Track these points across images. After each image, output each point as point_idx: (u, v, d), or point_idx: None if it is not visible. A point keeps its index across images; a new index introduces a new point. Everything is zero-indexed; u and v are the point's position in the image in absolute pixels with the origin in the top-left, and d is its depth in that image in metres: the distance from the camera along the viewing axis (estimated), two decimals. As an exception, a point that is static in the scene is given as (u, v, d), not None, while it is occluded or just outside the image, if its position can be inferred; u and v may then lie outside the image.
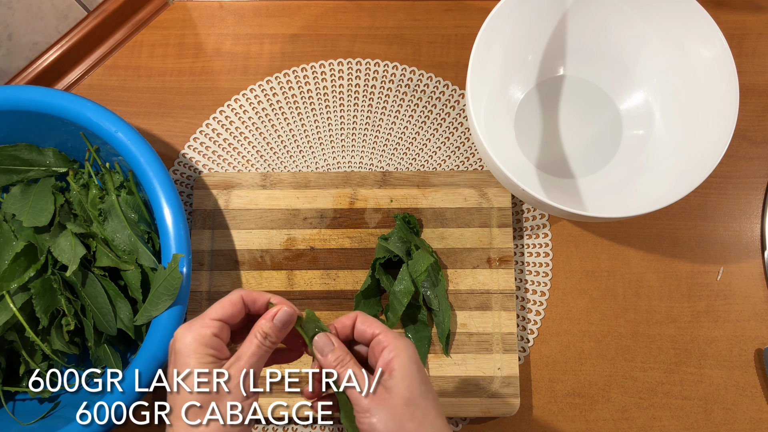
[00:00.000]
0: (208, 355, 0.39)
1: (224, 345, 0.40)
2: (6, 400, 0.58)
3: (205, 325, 0.39)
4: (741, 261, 0.64)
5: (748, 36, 0.69)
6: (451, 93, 0.68)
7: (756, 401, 0.61)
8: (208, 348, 0.39)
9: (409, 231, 0.61)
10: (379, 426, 0.38)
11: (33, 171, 0.59)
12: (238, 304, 0.41)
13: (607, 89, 0.65)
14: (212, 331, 0.39)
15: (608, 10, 0.60)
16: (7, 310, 0.53)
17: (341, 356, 0.41)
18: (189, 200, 0.65)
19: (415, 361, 0.41)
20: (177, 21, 0.71)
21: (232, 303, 0.41)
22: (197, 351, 0.38)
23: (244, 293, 0.42)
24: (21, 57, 0.65)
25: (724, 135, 0.54)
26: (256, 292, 0.42)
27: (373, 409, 0.39)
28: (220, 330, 0.40)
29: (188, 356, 0.38)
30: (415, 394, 0.39)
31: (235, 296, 0.41)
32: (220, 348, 0.40)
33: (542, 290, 0.63)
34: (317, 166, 0.66)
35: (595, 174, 0.64)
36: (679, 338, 0.62)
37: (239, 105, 0.68)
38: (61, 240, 0.54)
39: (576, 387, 0.61)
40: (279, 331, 0.41)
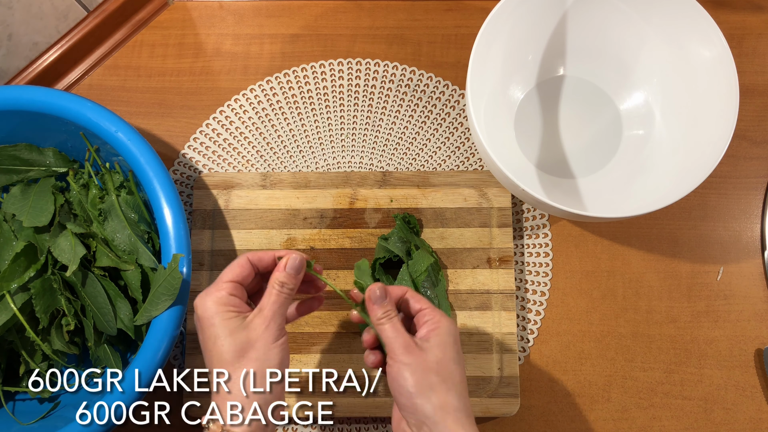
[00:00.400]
0: (229, 312, 0.41)
1: (242, 302, 0.43)
2: (6, 400, 0.58)
3: (220, 288, 0.42)
4: (741, 261, 0.64)
5: (748, 36, 0.69)
6: (451, 93, 0.68)
7: (756, 401, 0.61)
8: (228, 306, 0.41)
9: (409, 231, 0.61)
10: (406, 372, 0.41)
11: (33, 171, 0.59)
12: (246, 265, 0.44)
13: (607, 89, 0.65)
14: (227, 291, 0.42)
15: (608, 10, 0.60)
16: (7, 310, 0.53)
17: (389, 311, 0.44)
18: (189, 200, 0.65)
19: (453, 336, 0.43)
20: (177, 21, 0.71)
21: (240, 265, 0.44)
22: (218, 312, 0.41)
23: (250, 254, 0.44)
24: (21, 57, 0.65)
25: (724, 135, 0.54)
26: (262, 251, 0.45)
27: (405, 358, 0.41)
28: (235, 289, 0.43)
29: (211, 318, 0.41)
30: (447, 357, 0.42)
31: (242, 259, 0.44)
32: (239, 305, 0.42)
33: (542, 290, 0.63)
34: (317, 166, 0.66)
35: (595, 174, 0.64)
36: (679, 338, 0.62)
37: (239, 105, 0.68)
38: (61, 240, 0.54)
39: (576, 387, 0.61)
40: (293, 278, 0.43)
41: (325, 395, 0.59)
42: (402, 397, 0.41)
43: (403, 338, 0.42)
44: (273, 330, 0.41)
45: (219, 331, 0.41)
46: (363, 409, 0.59)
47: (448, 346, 0.42)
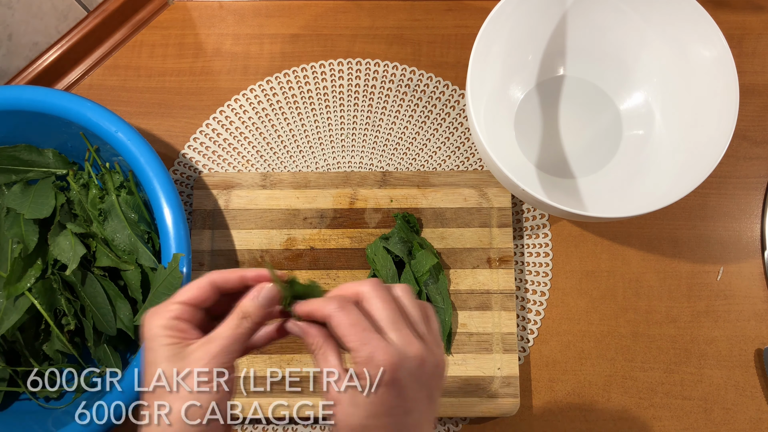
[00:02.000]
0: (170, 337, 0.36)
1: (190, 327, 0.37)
2: (10, 400, 0.58)
3: (167, 309, 0.37)
4: (741, 261, 0.64)
5: (748, 36, 0.69)
6: (451, 93, 0.68)
7: (756, 401, 0.61)
8: (171, 330, 0.36)
9: (410, 230, 0.61)
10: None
11: (32, 172, 0.59)
12: (205, 288, 0.38)
13: (607, 89, 0.65)
14: (174, 314, 0.36)
15: (608, 10, 0.60)
16: (17, 311, 0.53)
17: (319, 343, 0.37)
18: (189, 200, 0.65)
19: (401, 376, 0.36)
20: (177, 21, 0.71)
21: (199, 287, 0.38)
22: (159, 335, 0.36)
23: (216, 275, 0.38)
24: (21, 57, 0.65)
25: (724, 135, 0.54)
26: (228, 271, 0.38)
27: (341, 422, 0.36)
28: (184, 313, 0.37)
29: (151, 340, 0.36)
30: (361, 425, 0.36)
31: (203, 280, 0.38)
32: (185, 330, 0.36)
33: (542, 290, 0.63)
34: (317, 166, 0.66)
35: (595, 174, 0.64)
36: (679, 338, 0.62)
37: (239, 105, 0.68)
38: (61, 239, 0.54)
39: (576, 387, 0.61)
40: (261, 309, 0.37)
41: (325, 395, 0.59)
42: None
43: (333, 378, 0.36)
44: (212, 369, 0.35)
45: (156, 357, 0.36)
46: (363, 409, 0.59)
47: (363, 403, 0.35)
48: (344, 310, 0.36)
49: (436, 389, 0.37)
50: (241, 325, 0.36)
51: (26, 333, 0.56)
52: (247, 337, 0.37)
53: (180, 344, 0.36)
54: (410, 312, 0.38)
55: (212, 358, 0.35)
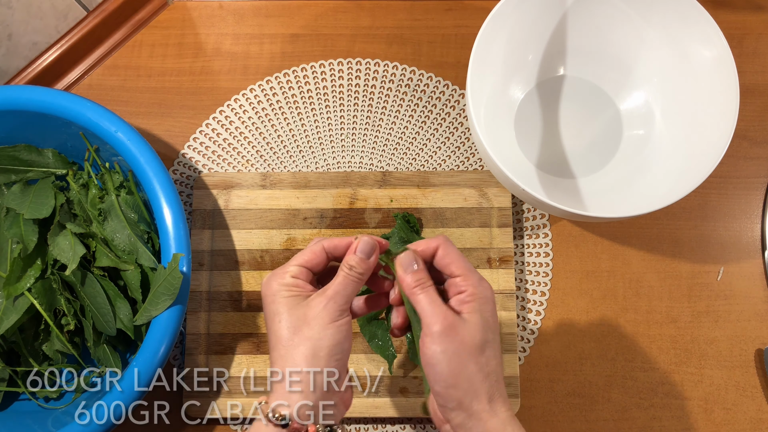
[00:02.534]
0: (290, 291, 0.41)
1: (307, 284, 0.42)
2: (10, 400, 0.58)
3: (286, 270, 0.42)
4: (741, 261, 0.64)
5: (748, 36, 0.69)
6: (451, 93, 0.68)
7: (756, 401, 0.61)
8: (291, 286, 0.41)
9: (410, 230, 0.61)
10: (442, 357, 0.39)
11: (32, 172, 0.59)
12: (319, 252, 0.43)
13: (607, 89, 0.65)
14: (292, 274, 0.42)
15: (608, 10, 0.60)
16: (17, 311, 0.53)
17: (422, 278, 0.42)
18: (189, 200, 0.65)
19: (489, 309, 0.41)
20: (177, 21, 0.71)
21: (313, 251, 0.43)
22: (279, 292, 0.41)
23: (325, 242, 0.43)
24: (21, 57, 0.65)
25: (724, 135, 0.54)
26: (338, 239, 0.43)
27: (441, 339, 0.39)
28: (300, 273, 0.42)
29: (273, 295, 0.41)
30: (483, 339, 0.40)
31: (317, 245, 0.43)
32: (303, 285, 0.42)
33: (542, 290, 0.63)
34: (317, 166, 0.66)
35: (595, 174, 0.64)
36: (680, 338, 0.62)
37: (239, 105, 0.68)
38: (61, 239, 0.54)
39: (576, 387, 0.61)
40: (363, 262, 0.42)
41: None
42: (437, 385, 0.39)
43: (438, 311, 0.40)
44: (331, 310, 0.40)
45: (279, 308, 0.40)
46: (363, 409, 0.59)
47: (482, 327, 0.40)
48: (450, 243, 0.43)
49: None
50: (350, 274, 0.41)
51: (26, 333, 0.56)
52: (357, 286, 0.42)
53: (299, 296, 0.41)
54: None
55: (329, 301, 0.40)
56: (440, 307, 0.40)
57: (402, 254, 0.43)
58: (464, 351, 0.39)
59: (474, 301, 0.41)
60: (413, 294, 0.41)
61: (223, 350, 0.60)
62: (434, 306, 0.40)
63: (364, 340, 0.60)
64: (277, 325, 0.40)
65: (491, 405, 0.39)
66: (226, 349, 0.60)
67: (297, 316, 0.40)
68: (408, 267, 0.42)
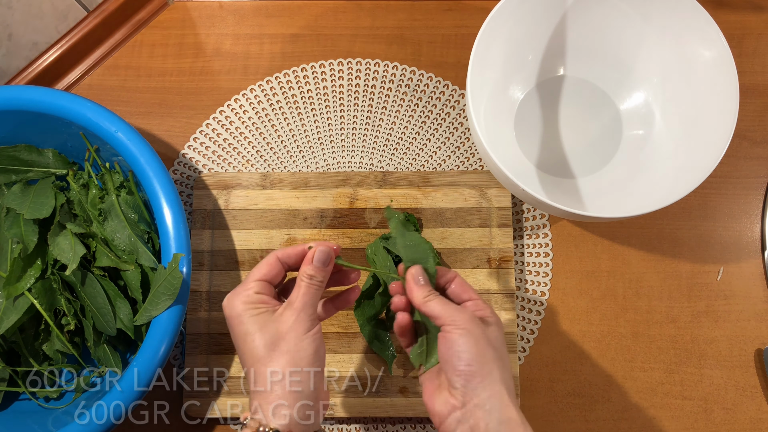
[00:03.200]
0: (257, 308, 0.42)
1: (271, 298, 0.43)
2: (10, 400, 0.58)
3: (247, 287, 0.43)
4: (741, 261, 0.64)
5: (748, 36, 0.69)
6: (451, 93, 0.68)
7: (756, 401, 0.61)
8: (256, 303, 0.42)
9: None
10: (469, 339, 0.40)
11: (32, 172, 0.59)
12: (275, 264, 0.44)
13: (607, 89, 0.65)
14: (254, 290, 0.42)
15: (608, 9, 0.60)
16: (17, 311, 0.53)
17: (432, 290, 0.44)
18: (189, 200, 0.65)
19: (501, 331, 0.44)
20: (177, 21, 0.71)
21: (269, 263, 0.44)
22: (246, 309, 0.41)
23: (279, 253, 0.44)
24: (21, 57, 0.65)
25: (724, 135, 0.54)
26: (291, 248, 0.45)
27: (468, 325, 0.41)
28: (262, 288, 0.43)
29: (240, 316, 0.41)
30: (500, 340, 0.42)
31: (271, 257, 0.44)
32: (268, 300, 0.43)
33: (542, 290, 0.63)
34: (317, 166, 0.66)
35: (595, 174, 0.64)
36: (679, 338, 0.62)
37: (239, 105, 0.68)
38: (61, 240, 0.54)
39: (576, 387, 0.61)
40: (321, 270, 0.43)
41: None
42: (460, 362, 0.40)
43: (458, 307, 0.42)
44: (303, 321, 0.41)
45: (249, 328, 0.41)
46: (363, 409, 0.59)
47: (500, 334, 0.43)
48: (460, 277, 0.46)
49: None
50: (311, 284, 0.43)
51: (26, 333, 0.56)
52: (319, 293, 0.43)
53: (267, 312, 0.42)
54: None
55: (300, 313, 0.41)
56: (455, 306, 0.42)
57: (412, 268, 0.45)
58: (486, 338, 0.41)
59: (487, 317, 0.43)
60: (425, 303, 0.43)
61: (223, 350, 0.60)
62: (449, 305, 0.42)
63: (364, 340, 0.60)
64: (251, 344, 0.41)
65: (510, 394, 0.40)
66: (226, 349, 0.60)
67: (270, 333, 0.41)
68: (418, 280, 0.44)
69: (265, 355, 0.40)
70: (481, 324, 0.42)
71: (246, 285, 0.43)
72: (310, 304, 0.42)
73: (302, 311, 0.41)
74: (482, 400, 0.39)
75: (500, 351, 0.42)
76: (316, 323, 0.42)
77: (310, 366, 0.41)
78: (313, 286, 0.43)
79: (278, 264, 0.44)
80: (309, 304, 0.42)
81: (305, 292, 0.42)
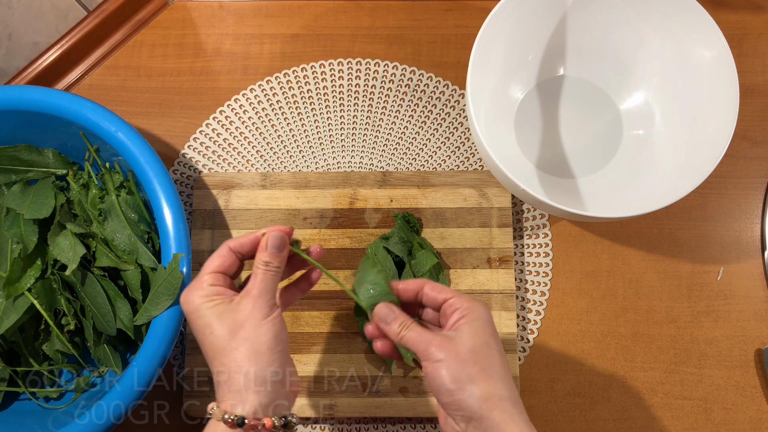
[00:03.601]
0: (213, 299, 0.41)
1: (227, 289, 0.43)
2: (10, 400, 0.58)
3: (202, 281, 0.42)
4: (741, 261, 0.64)
5: (748, 36, 0.69)
6: (451, 93, 0.68)
7: (756, 401, 0.61)
8: (212, 295, 0.42)
9: (410, 230, 0.61)
10: (442, 370, 0.39)
11: (32, 172, 0.59)
12: (227, 255, 0.43)
13: (607, 89, 0.65)
14: (209, 282, 0.42)
15: (608, 10, 0.60)
16: (17, 311, 0.53)
17: (403, 321, 0.43)
18: (189, 200, 0.65)
19: (484, 320, 0.42)
20: (177, 21, 0.71)
21: (221, 255, 0.43)
22: (202, 305, 0.41)
23: (231, 243, 0.44)
24: (21, 57, 0.65)
25: (724, 135, 0.54)
26: (243, 237, 0.44)
27: (436, 354, 0.40)
28: (217, 279, 0.43)
29: (197, 310, 0.41)
30: (480, 342, 0.41)
31: (222, 248, 0.44)
32: (224, 292, 0.42)
33: (542, 290, 0.63)
34: (317, 166, 0.66)
35: (595, 174, 0.64)
36: (679, 338, 0.62)
37: (239, 105, 0.68)
38: (61, 240, 0.54)
39: (576, 387, 0.61)
40: (276, 256, 0.43)
41: (325, 395, 0.59)
42: (443, 396, 0.40)
43: (428, 337, 0.41)
44: (261, 307, 0.41)
45: (208, 320, 0.41)
46: (363, 409, 0.59)
47: (479, 331, 0.41)
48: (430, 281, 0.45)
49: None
50: (267, 270, 0.42)
51: (26, 333, 0.56)
52: (277, 278, 0.43)
53: (224, 303, 0.41)
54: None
55: (257, 300, 0.41)
56: (428, 334, 0.41)
57: (377, 309, 0.44)
58: (460, 357, 0.40)
59: (468, 314, 0.42)
60: (401, 339, 0.42)
61: (223, 350, 0.60)
62: (423, 335, 0.41)
63: (364, 340, 0.60)
64: (210, 336, 0.40)
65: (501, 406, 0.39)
66: (226, 349, 0.60)
67: (228, 323, 0.40)
68: (386, 319, 0.43)
69: (226, 345, 0.40)
70: (452, 345, 0.40)
71: (200, 279, 0.43)
72: (266, 290, 0.42)
73: (259, 298, 0.41)
74: (478, 423, 0.39)
75: (482, 360, 0.40)
76: (276, 309, 0.42)
77: (271, 351, 0.40)
78: (269, 272, 0.42)
79: (231, 254, 0.44)
80: (266, 290, 0.42)
81: (262, 278, 0.42)
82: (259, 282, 0.42)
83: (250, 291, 0.42)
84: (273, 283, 0.42)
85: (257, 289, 0.41)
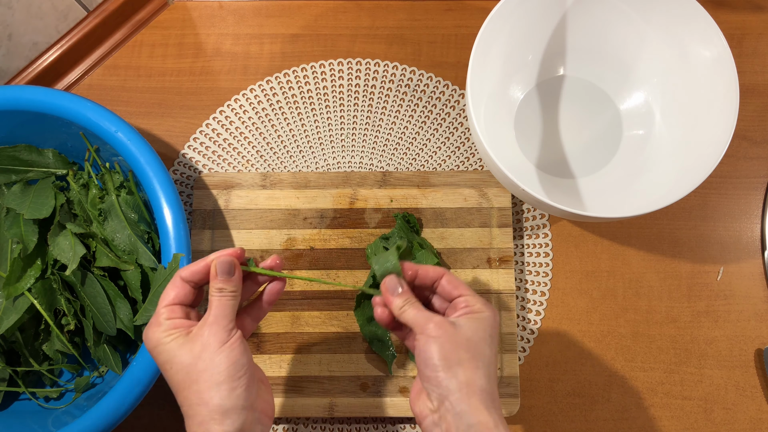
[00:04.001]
0: (171, 334, 0.41)
1: (185, 319, 0.42)
2: (10, 400, 0.58)
3: (158, 317, 0.42)
4: (741, 261, 0.64)
5: (748, 36, 0.69)
6: (451, 93, 0.68)
7: (756, 401, 0.61)
8: (169, 329, 0.41)
9: (410, 230, 0.61)
10: (434, 345, 0.40)
11: (32, 172, 0.59)
12: (180, 285, 0.43)
13: (607, 89, 0.65)
14: (165, 316, 0.41)
15: (608, 10, 0.60)
16: (17, 311, 0.53)
17: (408, 298, 0.44)
18: (189, 200, 0.65)
19: (491, 324, 0.43)
20: (177, 21, 0.71)
21: (175, 286, 0.43)
22: (161, 341, 0.40)
23: (183, 272, 0.43)
24: (21, 57, 0.65)
25: (724, 135, 0.54)
26: (194, 265, 0.43)
27: (434, 331, 0.41)
28: (173, 312, 0.42)
29: (157, 346, 0.41)
30: (478, 337, 0.41)
31: (175, 280, 0.43)
32: (181, 324, 0.41)
33: (542, 290, 0.63)
34: (317, 166, 0.66)
35: (595, 174, 0.64)
36: (679, 338, 0.62)
37: (239, 105, 0.68)
38: (61, 240, 0.54)
39: (576, 387, 0.61)
40: (228, 281, 0.42)
41: (325, 395, 0.59)
42: (427, 369, 0.40)
43: (428, 315, 0.42)
44: (217, 333, 0.40)
45: (166, 356, 0.40)
46: (363, 409, 0.59)
47: (481, 328, 0.42)
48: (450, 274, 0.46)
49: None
50: (222, 296, 0.42)
51: (26, 333, 0.56)
52: (235, 302, 0.42)
53: (181, 336, 0.41)
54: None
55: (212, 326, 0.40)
56: (429, 314, 0.42)
57: (388, 279, 0.45)
58: (455, 340, 0.41)
59: (476, 313, 0.43)
60: (402, 313, 0.43)
61: (223, 350, 0.60)
62: (422, 312, 0.42)
63: (364, 340, 0.60)
64: (170, 371, 0.40)
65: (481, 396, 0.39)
66: (226, 349, 0.60)
67: (186, 355, 0.40)
68: (394, 290, 0.44)
69: (185, 378, 0.39)
70: (451, 328, 0.41)
71: (157, 314, 0.42)
72: (222, 316, 0.41)
73: (215, 324, 0.40)
74: (452, 404, 0.39)
75: (475, 350, 0.41)
76: (234, 334, 0.41)
77: (230, 379, 0.39)
78: (224, 297, 0.42)
79: (184, 285, 0.43)
80: (221, 316, 0.41)
81: (216, 305, 0.41)
82: (215, 309, 0.41)
83: (207, 319, 0.41)
84: (229, 308, 0.42)
85: (213, 316, 0.41)
